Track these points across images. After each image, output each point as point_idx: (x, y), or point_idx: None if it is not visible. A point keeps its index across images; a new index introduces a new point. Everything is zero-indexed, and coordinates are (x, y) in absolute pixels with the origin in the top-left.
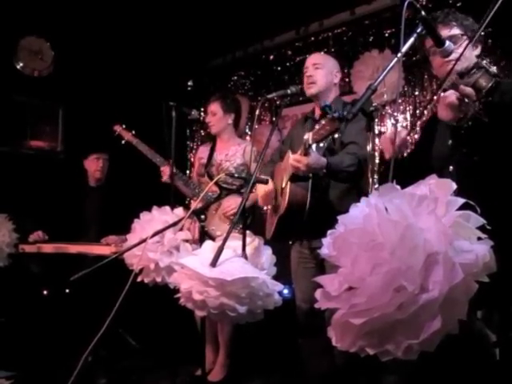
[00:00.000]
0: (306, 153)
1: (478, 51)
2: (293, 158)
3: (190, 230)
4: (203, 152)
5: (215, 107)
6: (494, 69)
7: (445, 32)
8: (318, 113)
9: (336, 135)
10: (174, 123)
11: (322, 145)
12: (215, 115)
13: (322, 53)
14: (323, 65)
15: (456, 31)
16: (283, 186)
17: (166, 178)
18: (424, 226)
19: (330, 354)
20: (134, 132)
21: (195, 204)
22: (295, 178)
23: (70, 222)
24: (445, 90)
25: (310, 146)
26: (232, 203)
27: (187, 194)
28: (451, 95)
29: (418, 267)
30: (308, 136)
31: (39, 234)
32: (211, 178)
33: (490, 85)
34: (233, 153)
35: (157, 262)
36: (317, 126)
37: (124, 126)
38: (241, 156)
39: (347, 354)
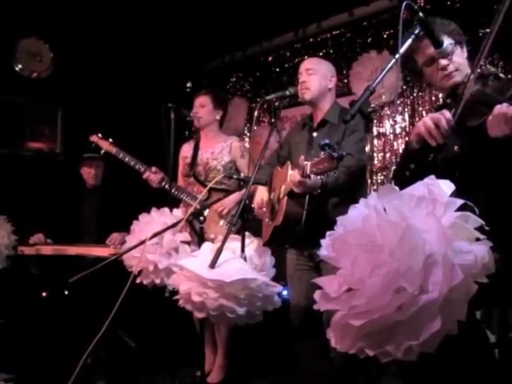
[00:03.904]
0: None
1: (465, 54)
2: (296, 180)
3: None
4: (187, 150)
5: (205, 100)
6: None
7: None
8: (316, 120)
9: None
10: (173, 125)
11: (318, 177)
12: (204, 107)
13: (316, 58)
14: (316, 70)
15: (447, 41)
16: (281, 196)
17: (155, 184)
18: (423, 227)
19: (327, 356)
20: (111, 140)
21: (193, 207)
22: (293, 193)
23: (68, 224)
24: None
25: (308, 175)
26: (224, 203)
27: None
28: (510, 108)
29: (418, 268)
30: (306, 164)
31: (40, 237)
32: (197, 178)
33: None
34: (219, 150)
35: (156, 263)
36: (316, 159)
37: (100, 135)
38: (227, 153)
39: (346, 356)
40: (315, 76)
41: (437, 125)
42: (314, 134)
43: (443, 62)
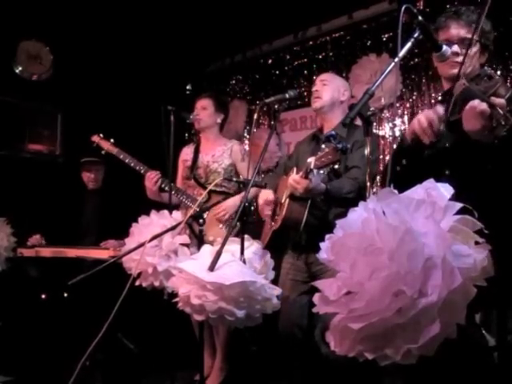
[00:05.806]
0: (307, 176)
1: (484, 59)
2: (292, 179)
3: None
4: (187, 153)
5: (207, 102)
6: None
7: (460, 32)
8: (324, 132)
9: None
10: (173, 127)
11: (322, 171)
12: (205, 110)
13: (332, 73)
14: (330, 81)
15: (472, 35)
16: (283, 200)
17: (153, 186)
18: (422, 231)
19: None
20: (112, 140)
21: (193, 209)
22: (295, 198)
23: (68, 226)
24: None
25: (311, 170)
26: (225, 206)
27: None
28: (481, 104)
29: (417, 272)
30: (311, 160)
31: (37, 238)
32: (197, 180)
33: (509, 94)
34: (220, 153)
35: (155, 266)
36: (320, 153)
37: (102, 136)
38: (228, 156)
39: (344, 359)
40: (328, 86)
41: (430, 123)
42: (322, 146)
43: (457, 48)
